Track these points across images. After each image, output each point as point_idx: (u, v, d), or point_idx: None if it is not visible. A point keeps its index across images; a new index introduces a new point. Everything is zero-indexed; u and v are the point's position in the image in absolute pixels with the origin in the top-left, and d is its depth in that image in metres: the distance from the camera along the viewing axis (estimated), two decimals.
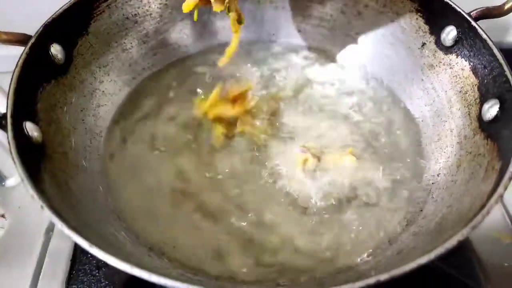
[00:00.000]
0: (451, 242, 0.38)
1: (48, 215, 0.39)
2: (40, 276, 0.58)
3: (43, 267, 0.58)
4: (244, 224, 0.54)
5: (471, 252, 0.61)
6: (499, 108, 0.51)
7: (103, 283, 0.57)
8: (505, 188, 0.41)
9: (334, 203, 0.55)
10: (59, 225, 0.38)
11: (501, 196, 0.41)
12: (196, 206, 0.55)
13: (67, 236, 0.38)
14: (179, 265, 0.49)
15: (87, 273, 0.58)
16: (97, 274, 0.58)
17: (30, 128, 0.48)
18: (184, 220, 0.54)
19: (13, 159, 0.42)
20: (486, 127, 0.53)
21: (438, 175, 0.57)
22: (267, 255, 0.51)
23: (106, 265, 0.57)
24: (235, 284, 0.47)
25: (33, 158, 0.46)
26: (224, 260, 0.50)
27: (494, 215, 0.64)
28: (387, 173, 0.59)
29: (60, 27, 0.58)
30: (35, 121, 0.50)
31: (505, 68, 0.52)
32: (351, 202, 0.56)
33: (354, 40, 0.72)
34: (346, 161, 0.59)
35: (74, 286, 0.57)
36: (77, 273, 0.58)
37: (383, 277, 0.35)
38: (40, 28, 0.55)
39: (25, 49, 0.52)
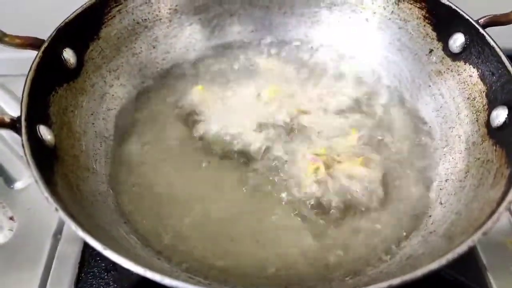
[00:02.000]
0: (462, 248, 0.38)
1: (61, 217, 0.39)
2: (49, 279, 0.58)
3: (52, 269, 0.58)
4: (250, 227, 0.54)
5: (478, 257, 0.60)
6: (507, 115, 0.51)
7: (112, 286, 0.57)
8: None
9: (342, 209, 0.55)
10: (73, 227, 0.38)
11: (511, 203, 0.41)
12: (205, 210, 0.55)
13: (75, 239, 0.38)
14: (188, 269, 0.49)
15: (96, 276, 0.58)
16: (105, 277, 0.58)
17: (43, 132, 0.49)
18: (193, 225, 0.54)
19: (27, 161, 0.43)
20: (495, 134, 0.53)
21: (446, 181, 0.57)
22: (275, 261, 0.51)
23: (114, 268, 0.58)
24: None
25: (46, 161, 0.47)
26: (234, 265, 0.50)
27: (500, 221, 0.64)
28: (396, 178, 0.59)
29: (73, 32, 0.59)
30: (48, 124, 0.51)
31: None
32: (360, 208, 0.56)
33: (362, 46, 0.73)
34: (356, 169, 0.59)
35: None
36: (85, 276, 0.58)
37: (395, 282, 0.36)
38: (53, 32, 0.56)
39: (38, 53, 0.53)
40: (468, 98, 0.59)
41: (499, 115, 0.53)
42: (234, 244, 0.52)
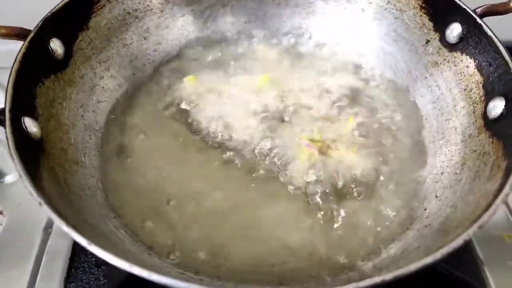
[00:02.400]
0: (457, 242, 0.37)
1: (46, 212, 0.38)
2: (39, 274, 0.57)
3: (42, 264, 0.58)
4: (243, 220, 0.53)
5: (474, 251, 0.60)
6: (505, 106, 0.50)
7: (102, 281, 0.57)
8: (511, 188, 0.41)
9: (335, 198, 0.54)
10: (58, 221, 0.37)
11: (507, 195, 0.40)
12: (197, 204, 0.54)
13: (66, 234, 0.37)
14: (179, 264, 0.48)
15: (86, 271, 0.58)
16: (95, 272, 0.57)
17: (29, 124, 0.47)
18: (185, 220, 0.53)
19: (11, 155, 0.42)
20: (491, 126, 0.52)
21: (442, 174, 0.56)
22: (268, 256, 0.50)
23: (105, 263, 0.57)
24: (236, 283, 0.46)
25: (32, 154, 0.46)
26: (225, 259, 0.49)
27: (497, 214, 0.63)
28: (391, 169, 0.58)
29: (60, 22, 0.57)
30: (34, 116, 0.50)
31: (511, 65, 0.51)
32: (354, 199, 0.55)
33: (358, 37, 0.71)
34: (350, 157, 0.58)
35: (72, 284, 0.56)
36: (75, 271, 0.58)
37: (388, 277, 0.35)
38: (40, 22, 0.55)
39: (24, 43, 0.52)
40: (464, 89, 0.58)
41: (496, 107, 0.52)
42: (227, 239, 0.51)
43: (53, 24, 0.56)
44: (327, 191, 0.55)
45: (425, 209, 0.53)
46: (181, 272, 0.47)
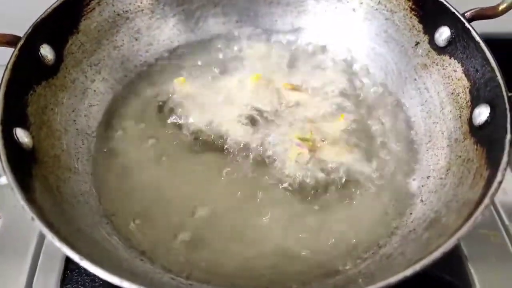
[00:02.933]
0: (436, 254, 0.38)
1: (38, 227, 0.39)
2: (35, 276, 0.58)
3: (38, 266, 0.59)
4: (235, 223, 0.54)
5: (460, 250, 0.61)
6: (489, 113, 0.51)
7: (97, 283, 0.58)
8: (492, 199, 0.42)
9: (323, 200, 0.56)
10: (50, 237, 0.38)
11: (488, 206, 0.41)
12: (190, 208, 0.55)
13: None
14: (171, 269, 0.50)
15: (82, 273, 0.59)
16: (91, 274, 0.58)
17: (21, 135, 0.48)
18: (177, 224, 0.54)
19: (3, 168, 0.42)
20: (476, 132, 0.53)
21: (428, 178, 0.57)
22: (259, 261, 0.51)
23: None
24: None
25: (24, 166, 0.47)
26: (217, 265, 0.51)
27: (484, 214, 0.65)
28: (378, 171, 0.59)
29: (50, 27, 0.57)
30: (25, 126, 0.50)
31: (497, 72, 0.52)
32: (341, 201, 0.56)
33: (349, 37, 0.71)
34: (339, 157, 0.59)
35: (68, 286, 0.57)
36: (71, 273, 0.59)
37: None
38: (30, 28, 0.55)
39: (14, 51, 0.52)
40: (452, 93, 0.59)
41: (481, 113, 0.52)
42: (218, 244, 0.53)
43: (43, 29, 0.56)
44: (316, 192, 0.56)
45: (410, 214, 0.54)
46: (172, 277, 0.48)
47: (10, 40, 0.53)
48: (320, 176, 0.58)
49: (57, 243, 0.38)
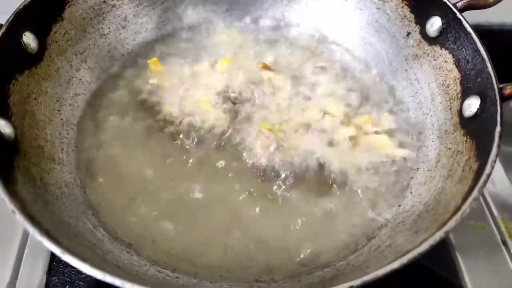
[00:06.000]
0: (424, 247, 0.38)
1: (19, 220, 0.38)
2: (21, 268, 0.57)
3: (23, 258, 0.58)
4: (223, 219, 0.54)
5: (448, 241, 0.61)
6: (479, 105, 0.51)
7: (84, 274, 0.57)
8: (480, 192, 0.41)
9: (306, 191, 0.55)
10: (31, 231, 0.37)
11: (476, 200, 0.41)
12: (174, 199, 0.55)
13: None
14: (157, 261, 0.49)
15: (68, 265, 0.57)
16: None
17: (2, 125, 0.47)
18: (163, 215, 0.53)
19: None
20: (466, 124, 0.53)
21: (417, 169, 0.57)
22: (246, 253, 0.51)
23: None
24: (214, 281, 0.48)
25: (5, 157, 0.45)
26: (203, 257, 0.50)
27: (473, 205, 0.65)
28: (366, 162, 0.58)
29: (33, 14, 0.56)
30: (7, 116, 0.49)
31: (488, 63, 0.51)
32: (329, 193, 0.56)
33: (340, 26, 0.71)
34: (326, 148, 0.59)
35: (54, 277, 0.57)
36: (57, 264, 0.58)
37: (356, 283, 0.36)
38: (11, 16, 0.53)
39: None
40: (442, 84, 0.58)
41: (472, 105, 0.52)
42: (204, 236, 0.52)
43: (25, 17, 0.54)
44: (295, 183, 0.56)
45: (399, 205, 0.54)
46: (159, 270, 0.48)
47: None
48: (295, 166, 0.57)
49: (38, 237, 0.37)
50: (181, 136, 0.60)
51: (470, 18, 0.56)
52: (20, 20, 0.53)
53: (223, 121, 0.61)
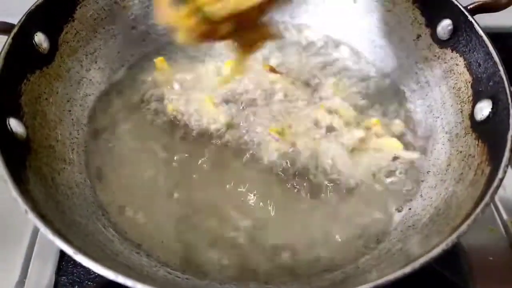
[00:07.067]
0: (436, 252, 0.38)
1: (31, 219, 0.38)
2: (30, 268, 0.57)
3: (32, 258, 0.58)
4: (232, 218, 0.54)
5: (458, 245, 0.61)
6: (491, 109, 0.50)
7: (93, 275, 0.57)
8: (492, 198, 0.41)
9: (316, 194, 0.55)
10: (43, 230, 0.38)
11: (488, 205, 0.41)
12: (184, 199, 0.55)
13: None
14: (167, 262, 0.49)
15: (77, 264, 0.58)
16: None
17: (14, 125, 0.47)
18: (173, 215, 0.54)
19: None
20: (478, 127, 0.52)
21: (428, 173, 0.56)
22: (253, 253, 0.51)
23: None
24: (223, 282, 0.48)
25: (17, 157, 0.46)
26: (212, 255, 0.50)
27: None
28: (376, 164, 0.58)
29: (45, 14, 0.56)
30: (19, 116, 0.49)
31: (500, 67, 0.51)
32: (337, 195, 0.55)
33: (349, 29, 0.70)
34: (335, 149, 0.59)
35: (63, 277, 0.57)
36: (66, 264, 0.58)
37: (367, 287, 0.36)
38: (24, 16, 0.53)
39: (7, 39, 0.51)
40: (453, 87, 0.58)
41: (483, 108, 0.52)
42: (213, 237, 0.52)
43: (37, 17, 0.55)
44: (306, 185, 0.56)
45: (410, 209, 0.54)
46: (168, 271, 0.48)
47: (3, 28, 0.52)
48: (306, 169, 0.57)
49: (51, 236, 0.37)
50: (191, 135, 0.60)
51: (481, 21, 0.56)
52: (32, 20, 0.54)
53: (231, 123, 0.61)
